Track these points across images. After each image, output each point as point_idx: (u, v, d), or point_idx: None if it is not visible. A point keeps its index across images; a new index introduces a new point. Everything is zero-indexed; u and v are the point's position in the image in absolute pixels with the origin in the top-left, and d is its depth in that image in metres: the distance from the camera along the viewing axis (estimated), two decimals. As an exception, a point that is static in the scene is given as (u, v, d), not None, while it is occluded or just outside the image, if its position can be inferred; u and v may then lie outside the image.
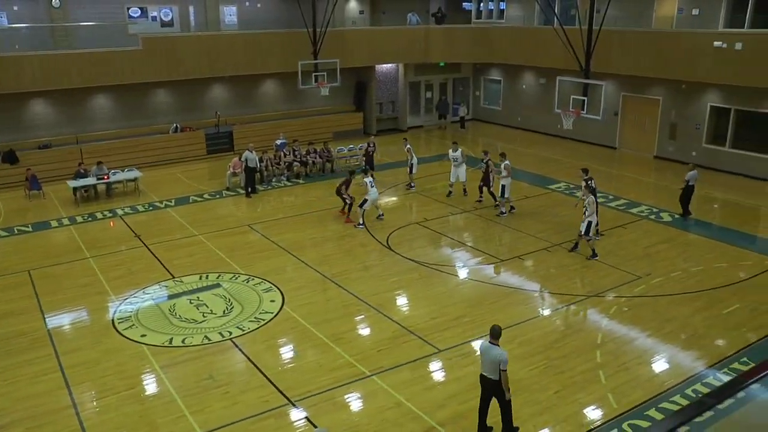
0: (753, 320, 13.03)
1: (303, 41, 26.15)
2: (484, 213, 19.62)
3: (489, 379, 9.34)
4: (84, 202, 21.22)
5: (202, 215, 19.87)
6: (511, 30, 29.75)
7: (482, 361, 9.41)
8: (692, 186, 18.65)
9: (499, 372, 9.13)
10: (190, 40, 25.73)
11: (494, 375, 9.21)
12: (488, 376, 9.33)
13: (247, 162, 21.39)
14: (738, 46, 20.93)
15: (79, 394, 10.92)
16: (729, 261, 15.94)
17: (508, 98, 32.55)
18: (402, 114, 32.31)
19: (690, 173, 18.59)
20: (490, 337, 9.35)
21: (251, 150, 21.45)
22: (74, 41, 25.04)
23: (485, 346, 9.38)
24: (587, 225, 15.85)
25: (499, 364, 9.06)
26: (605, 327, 12.89)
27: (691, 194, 18.74)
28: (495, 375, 9.20)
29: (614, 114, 26.99)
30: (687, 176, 18.63)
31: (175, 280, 15.28)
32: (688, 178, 18.59)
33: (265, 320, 13.29)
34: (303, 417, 10.25)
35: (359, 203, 18.55)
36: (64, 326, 13.33)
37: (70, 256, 16.88)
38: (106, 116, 25.81)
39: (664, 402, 10.41)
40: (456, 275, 15.50)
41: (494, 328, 9.36)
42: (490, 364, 9.23)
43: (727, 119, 23.55)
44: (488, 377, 9.34)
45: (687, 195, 18.75)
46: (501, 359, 9.06)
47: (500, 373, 9.12)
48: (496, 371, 9.16)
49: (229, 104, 28.31)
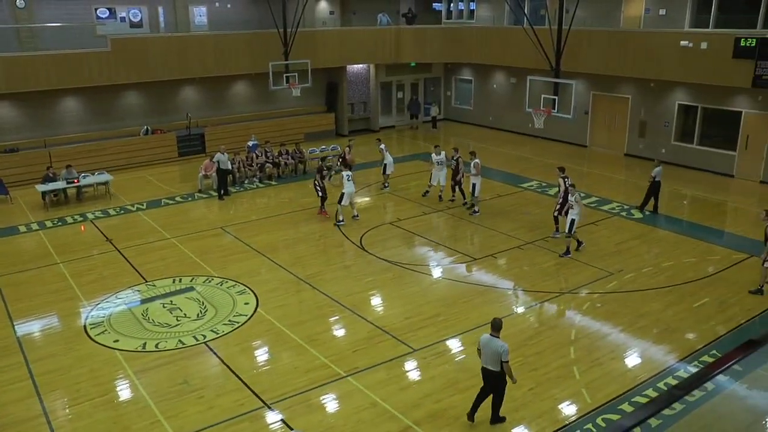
0: (722, 313, 13.28)
1: (274, 42, 26.05)
2: (457, 212, 19.71)
3: (490, 371, 9.58)
4: (53, 207, 20.91)
5: (175, 218, 19.69)
6: (482, 30, 29.94)
7: (483, 354, 9.59)
8: (658, 182, 18.98)
9: (500, 364, 9.36)
10: (160, 41, 25.47)
11: (495, 367, 9.45)
12: (489, 369, 9.57)
13: (219, 164, 21.24)
14: (703, 46, 21.34)
15: (51, 402, 10.75)
16: (698, 256, 16.22)
17: (479, 98, 32.74)
18: (374, 114, 32.33)
19: (656, 169, 18.92)
20: (491, 330, 9.54)
21: (223, 152, 21.30)
22: (40, 43, 24.62)
23: (486, 338, 9.57)
24: (571, 223, 15.99)
25: (501, 356, 9.29)
26: (579, 323, 13.04)
27: (657, 190, 19.07)
28: (496, 367, 9.43)
29: (585, 113, 27.30)
30: (653, 173, 18.95)
31: (147, 284, 15.12)
32: (654, 174, 18.92)
33: (239, 323, 13.20)
34: (279, 419, 10.21)
35: (337, 199, 18.57)
36: (34, 333, 13.11)
37: (40, 261, 16.62)
38: (74, 119, 25.43)
39: (636, 396, 10.56)
40: (430, 275, 15.56)
41: (495, 321, 9.59)
42: (491, 356, 9.45)
43: (694, 117, 23.96)
44: (489, 369, 9.57)
45: (654, 191, 19.08)
46: (502, 351, 9.30)
47: (502, 365, 9.35)
48: (497, 363, 9.39)
49: (201, 106, 28.08)
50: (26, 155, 23.74)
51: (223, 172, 21.45)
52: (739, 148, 22.73)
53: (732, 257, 16.06)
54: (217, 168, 21.36)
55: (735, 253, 16.26)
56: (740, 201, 20.74)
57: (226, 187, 21.74)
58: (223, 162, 21.20)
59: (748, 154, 22.48)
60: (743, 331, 12.59)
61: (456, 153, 19.90)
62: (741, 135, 22.59)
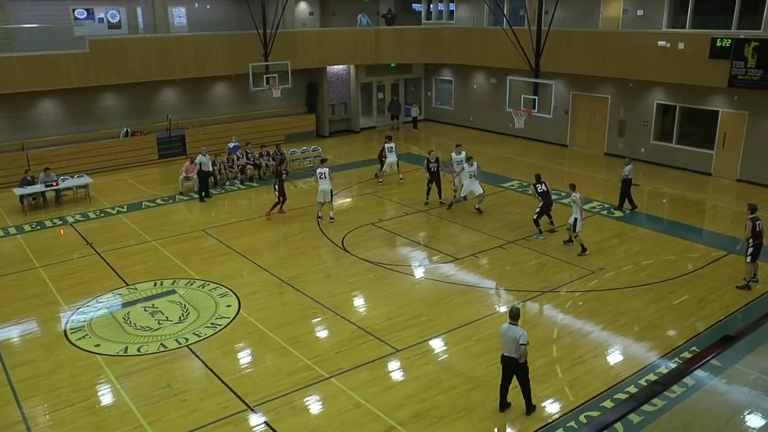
0: (701, 310, 13.44)
1: (253, 43, 25.96)
2: (438, 212, 19.76)
3: (509, 357, 9.91)
4: (32, 210, 20.67)
5: (156, 221, 19.55)
6: (461, 31, 30.04)
7: (503, 342, 9.95)
8: (630, 179, 19.26)
9: (518, 349, 9.67)
10: (139, 42, 25.27)
11: (515, 353, 9.79)
12: (508, 356, 9.91)
13: (201, 166, 21.13)
14: (681, 46, 21.58)
15: (30, 408, 10.63)
16: (677, 253, 16.39)
17: (459, 98, 32.84)
18: (354, 115, 32.31)
19: (627, 167, 19.20)
20: (510, 319, 9.94)
21: (204, 153, 21.19)
22: (16, 44, 24.33)
23: (505, 327, 9.97)
24: (574, 222, 16.22)
25: (519, 339, 9.64)
26: (561, 322, 13.12)
27: (629, 187, 19.36)
28: (515, 353, 9.78)
29: (564, 112, 27.48)
30: (625, 171, 19.24)
31: (129, 288, 15.00)
32: (626, 173, 19.18)
33: (221, 326, 13.14)
34: (262, 422, 10.18)
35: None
36: (12, 339, 12.96)
37: (18, 266, 16.42)
38: (53, 121, 25.15)
39: (618, 393, 10.66)
40: (412, 275, 15.58)
41: (513, 309, 10.06)
42: (511, 343, 9.77)
43: (673, 116, 24.22)
44: (508, 356, 9.91)
45: (626, 188, 19.36)
46: (520, 335, 9.68)
47: (519, 348, 9.65)
48: (515, 349, 9.73)
49: (181, 107, 27.90)
50: (3, 158, 23.43)
51: (205, 174, 21.34)
52: (716, 146, 23.01)
53: (711, 254, 16.25)
54: (199, 170, 21.24)
55: (714, 251, 16.44)
56: (718, 199, 21.00)
57: (207, 189, 21.63)
58: (204, 164, 21.09)
59: (725, 152, 22.77)
60: (722, 327, 12.75)
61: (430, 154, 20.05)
62: (718, 134, 22.87)
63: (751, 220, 14.08)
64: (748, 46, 19.90)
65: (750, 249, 14.13)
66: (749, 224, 14.09)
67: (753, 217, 14.09)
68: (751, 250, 14.11)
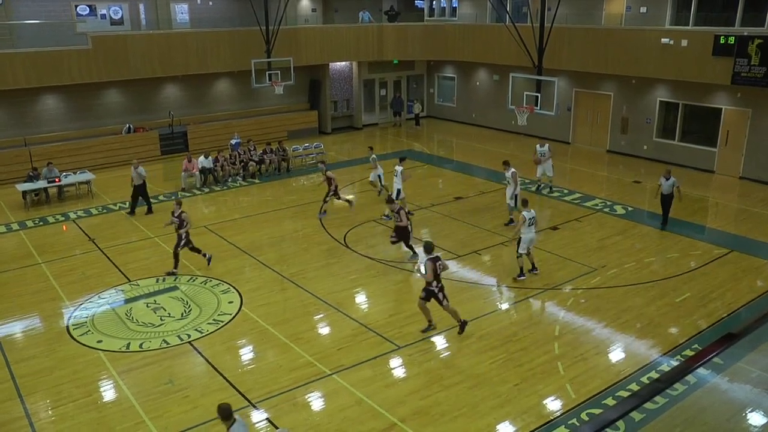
0: (703, 308, 13.41)
1: (256, 39, 25.95)
2: (440, 209, 19.74)
3: None
4: (34, 206, 20.69)
5: (158, 217, 19.53)
6: (464, 27, 29.97)
7: None
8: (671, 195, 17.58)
9: None
10: (141, 38, 25.26)
11: None
12: None
13: (133, 180, 19.53)
14: (684, 43, 21.52)
15: (33, 404, 10.65)
16: (680, 251, 16.36)
17: (462, 95, 32.79)
18: (357, 112, 32.28)
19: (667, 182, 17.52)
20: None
21: (137, 166, 19.62)
22: (19, 40, 24.34)
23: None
24: (515, 198, 17.31)
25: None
26: (563, 319, 13.11)
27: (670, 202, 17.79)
28: None
29: (567, 109, 27.43)
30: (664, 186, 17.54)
31: (131, 284, 15.02)
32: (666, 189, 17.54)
33: (223, 322, 13.15)
34: (264, 418, 10.19)
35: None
36: (15, 334, 12.97)
37: (21, 262, 16.44)
38: (55, 117, 25.17)
39: (620, 390, 10.65)
40: (414, 272, 15.56)
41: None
42: None
43: (675, 113, 24.16)
44: None
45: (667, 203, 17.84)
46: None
47: None
48: None
49: (183, 104, 27.90)
50: (5, 154, 23.47)
51: (140, 188, 19.78)
52: (719, 144, 22.96)
53: (713, 252, 16.22)
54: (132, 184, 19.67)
55: (716, 248, 16.41)
56: (721, 197, 20.95)
57: (143, 203, 20.02)
58: (138, 177, 19.48)
59: (728, 150, 22.71)
60: (724, 325, 12.72)
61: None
62: (721, 131, 22.82)
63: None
64: (751, 43, 19.84)
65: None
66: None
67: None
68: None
